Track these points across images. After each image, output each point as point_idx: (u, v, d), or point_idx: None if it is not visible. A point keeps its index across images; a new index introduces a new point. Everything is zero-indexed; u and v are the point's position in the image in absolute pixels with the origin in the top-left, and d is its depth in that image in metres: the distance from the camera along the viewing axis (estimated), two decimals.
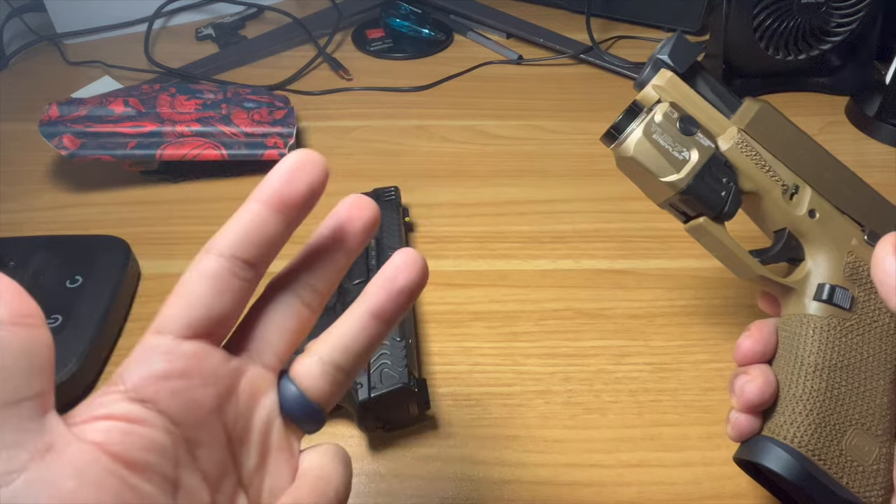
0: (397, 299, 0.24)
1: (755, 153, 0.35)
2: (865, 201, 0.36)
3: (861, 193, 0.36)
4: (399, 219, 0.51)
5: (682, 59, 0.36)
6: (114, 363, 0.45)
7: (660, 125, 0.34)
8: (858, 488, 0.32)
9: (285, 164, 0.23)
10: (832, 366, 0.33)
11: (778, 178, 0.35)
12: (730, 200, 0.35)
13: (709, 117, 0.35)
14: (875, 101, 0.67)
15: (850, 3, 0.67)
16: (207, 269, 0.22)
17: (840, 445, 0.32)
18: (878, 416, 0.32)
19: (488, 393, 0.44)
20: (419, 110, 0.72)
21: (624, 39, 0.84)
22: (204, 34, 0.84)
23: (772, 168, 0.35)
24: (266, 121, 0.63)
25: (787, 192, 0.35)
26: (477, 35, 0.85)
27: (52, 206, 0.59)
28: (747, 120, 0.35)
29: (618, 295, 0.50)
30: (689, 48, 0.36)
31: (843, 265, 0.34)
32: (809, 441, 0.32)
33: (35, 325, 0.18)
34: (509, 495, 0.38)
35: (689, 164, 0.34)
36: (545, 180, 0.61)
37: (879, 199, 0.36)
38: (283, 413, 0.24)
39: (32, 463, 0.17)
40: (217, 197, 0.60)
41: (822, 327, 0.33)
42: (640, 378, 0.45)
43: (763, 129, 0.35)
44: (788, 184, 0.35)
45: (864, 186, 0.36)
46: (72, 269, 0.48)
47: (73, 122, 0.58)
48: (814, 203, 0.35)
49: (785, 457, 0.32)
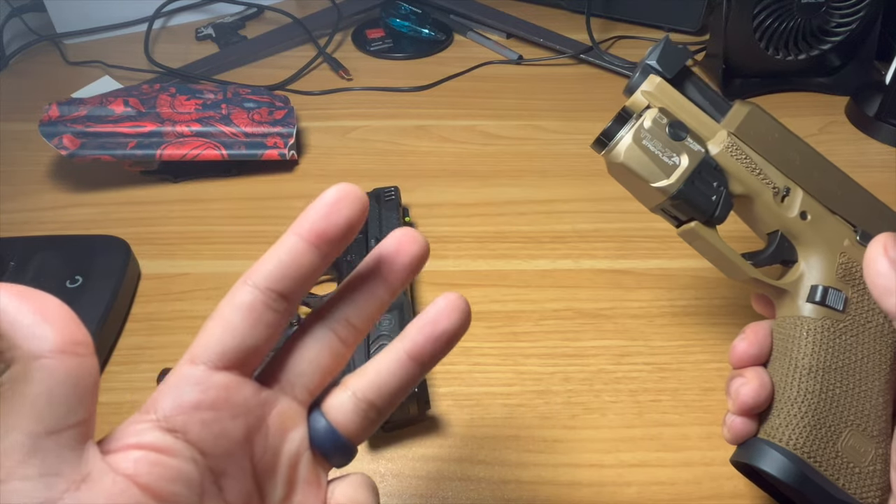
0: (436, 343, 0.24)
1: (745, 157, 0.35)
2: (857, 202, 0.36)
3: (853, 194, 0.36)
4: (399, 219, 0.51)
5: (670, 64, 0.36)
6: (114, 363, 0.45)
7: (649, 131, 0.34)
8: (855, 489, 0.32)
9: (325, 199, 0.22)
10: (826, 367, 0.33)
11: (769, 180, 0.35)
12: (720, 204, 0.35)
13: (699, 122, 0.35)
14: (875, 101, 0.67)
15: (850, 3, 0.67)
16: (243, 301, 0.21)
17: (836, 447, 0.32)
18: (873, 417, 0.32)
19: (488, 393, 0.44)
20: (419, 110, 0.72)
21: (624, 39, 0.84)
22: (204, 34, 0.84)
23: (762, 171, 0.35)
24: (266, 121, 0.63)
25: (779, 194, 0.35)
26: (477, 35, 0.85)
27: (52, 206, 0.59)
28: (737, 123, 0.35)
29: (617, 295, 0.50)
30: (678, 53, 0.36)
31: (836, 266, 0.35)
32: (805, 443, 0.32)
33: (84, 354, 0.18)
34: (509, 495, 0.38)
35: (680, 169, 0.34)
36: (545, 180, 0.61)
37: (872, 200, 0.36)
38: (313, 447, 0.24)
39: (68, 493, 0.18)
40: (217, 197, 0.60)
41: (815, 329, 0.33)
42: (639, 378, 0.45)
43: (753, 132, 0.35)
44: (779, 186, 0.35)
45: (856, 187, 0.36)
46: (72, 269, 0.48)
47: (73, 122, 0.58)
48: (805, 205, 0.35)
49: (780, 459, 0.32)
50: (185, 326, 0.48)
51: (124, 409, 0.43)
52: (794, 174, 0.36)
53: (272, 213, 0.58)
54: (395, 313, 0.42)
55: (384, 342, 0.40)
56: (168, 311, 0.49)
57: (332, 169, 0.63)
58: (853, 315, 0.34)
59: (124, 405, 0.43)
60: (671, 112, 0.35)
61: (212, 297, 0.50)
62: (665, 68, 0.36)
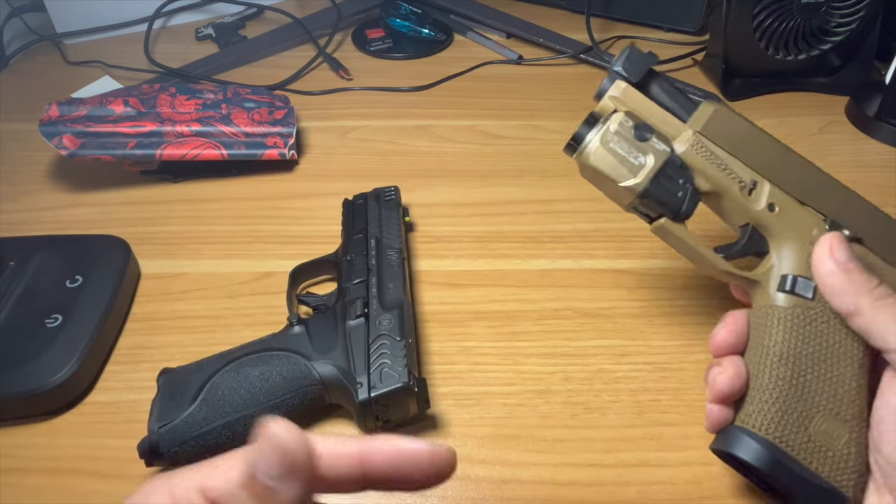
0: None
1: (710, 153, 0.36)
2: (827, 191, 0.37)
3: (822, 184, 0.37)
4: (399, 219, 0.51)
5: (635, 69, 0.37)
6: (114, 363, 0.45)
7: (615, 133, 0.36)
8: (829, 473, 0.32)
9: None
10: (797, 354, 0.34)
11: (735, 175, 0.36)
12: (686, 200, 0.36)
13: (664, 122, 0.37)
14: (875, 101, 0.67)
15: (850, 3, 0.67)
16: None
17: (808, 432, 0.33)
18: (846, 402, 0.33)
19: (488, 392, 0.44)
20: (419, 110, 0.72)
21: (624, 39, 0.84)
22: (204, 34, 0.85)
23: (728, 166, 0.36)
24: (266, 121, 0.63)
25: (745, 188, 0.36)
26: (477, 35, 0.85)
27: (52, 205, 0.59)
28: (702, 122, 0.36)
29: (617, 295, 0.50)
30: (643, 59, 0.38)
31: (806, 255, 0.35)
32: (777, 429, 0.33)
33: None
34: (509, 494, 0.38)
35: (646, 168, 0.36)
36: (545, 180, 0.61)
37: (841, 189, 0.37)
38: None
39: None
40: (217, 197, 0.60)
41: (785, 317, 0.34)
42: (639, 378, 0.45)
43: (718, 130, 0.36)
44: (746, 180, 0.36)
45: (824, 177, 0.37)
46: (72, 269, 0.48)
47: (73, 121, 0.58)
48: (773, 197, 0.36)
49: (753, 445, 0.33)
50: (185, 326, 0.48)
51: (124, 409, 0.43)
52: (761, 168, 0.36)
53: (272, 213, 0.58)
54: (395, 312, 0.42)
55: (384, 341, 0.40)
56: (168, 310, 0.49)
57: (332, 169, 0.63)
58: (823, 302, 0.34)
59: (124, 405, 0.43)
60: (637, 115, 0.37)
61: (212, 296, 0.50)
62: (630, 74, 0.37)
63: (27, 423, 0.42)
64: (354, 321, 0.42)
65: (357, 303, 0.43)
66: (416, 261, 0.53)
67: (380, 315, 0.42)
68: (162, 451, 0.37)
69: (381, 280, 0.45)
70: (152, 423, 0.38)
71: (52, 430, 0.42)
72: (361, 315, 0.42)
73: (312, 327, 0.42)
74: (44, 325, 0.44)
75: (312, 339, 0.41)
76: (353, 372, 0.39)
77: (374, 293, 0.44)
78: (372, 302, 0.43)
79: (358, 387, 0.38)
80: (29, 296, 0.46)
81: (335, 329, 0.42)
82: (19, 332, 0.43)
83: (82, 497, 0.38)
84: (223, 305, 0.49)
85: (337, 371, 0.39)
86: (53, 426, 0.42)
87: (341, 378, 0.39)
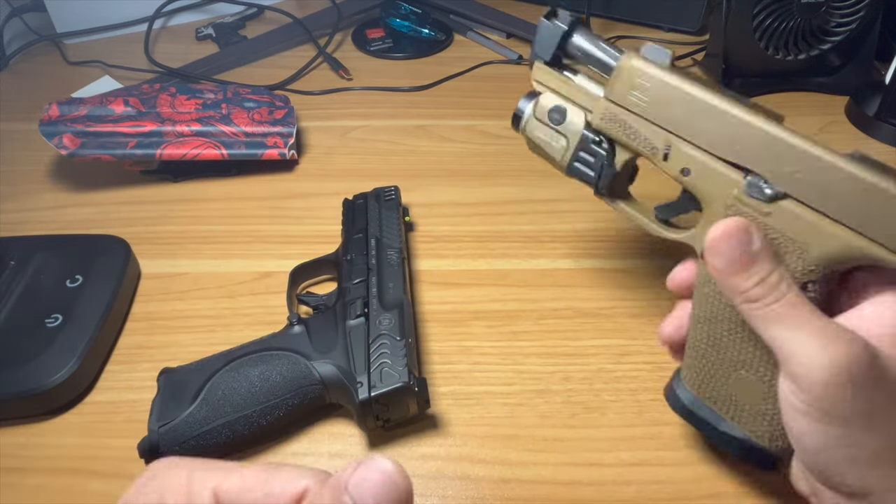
0: None
1: (619, 123, 0.36)
2: (749, 142, 0.32)
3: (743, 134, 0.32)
4: (399, 219, 0.51)
5: (544, 47, 0.38)
6: (114, 363, 0.45)
7: (537, 118, 0.38)
8: (747, 424, 0.34)
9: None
10: (712, 318, 0.34)
11: (647, 141, 0.35)
12: (601, 177, 0.37)
13: (583, 95, 0.37)
14: (875, 100, 0.67)
15: (850, 3, 0.67)
16: None
17: (726, 386, 0.34)
18: (763, 361, 0.33)
19: (488, 392, 0.44)
20: (419, 110, 0.72)
21: (624, 39, 0.84)
22: (204, 34, 0.85)
23: (639, 133, 0.35)
24: (266, 120, 0.63)
25: (658, 153, 0.35)
26: (477, 35, 0.85)
27: (52, 205, 0.59)
28: (614, 88, 0.35)
29: (618, 294, 0.50)
30: (551, 32, 0.38)
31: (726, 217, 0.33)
32: (700, 383, 0.35)
33: None
34: (509, 494, 0.38)
35: (564, 149, 0.38)
36: (545, 180, 0.61)
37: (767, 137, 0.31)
38: None
39: None
40: (217, 197, 0.60)
41: (701, 283, 0.34)
42: (640, 377, 0.45)
43: (628, 92, 0.35)
44: (658, 146, 0.35)
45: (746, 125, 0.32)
46: (72, 269, 0.48)
47: (73, 121, 0.58)
48: (686, 160, 0.34)
49: (679, 396, 0.36)
50: (184, 326, 0.48)
51: (124, 409, 0.43)
52: (676, 126, 0.34)
53: (272, 213, 0.58)
54: (395, 312, 0.42)
55: (384, 340, 0.40)
56: (168, 310, 0.49)
57: (332, 169, 0.63)
58: None
59: (124, 404, 0.43)
60: (559, 92, 0.38)
61: (211, 296, 0.50)
62: (541, 53, 0.38)
63: (27, 423, 0.42)
64: (354, 321, 0.42)
65: (357, 302, 0.43)
66: (416, 260, 0.53)
67: (380, 315, 0.42)
68: (162, 451, 0.37)
69: (381, 280, 0.45)
70: (152, 423, 0.38)
71: (52, 429, 0.42)
72: (361, 315, 0.42)
73: (312, 327, 0.42)
74: (44, 324, 0.44)
75: (312, 338, 0.42)
76: (354, 371, 0.39)
77: (374, 293, 0.44)
78: (372, 301, 0.43)
79: (358, 386, 0.38)
80: (29, 295, 0.46)
81: (335, 329, 0.42)
82: (19, 331, 0.44)
83: (82, 497, 0.38)
84: (223, 305, 0.49)
85: (337, 370, 0.39)
86: (53, 426, 0.42)
87: (341, 377, 0.39)
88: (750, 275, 0.30)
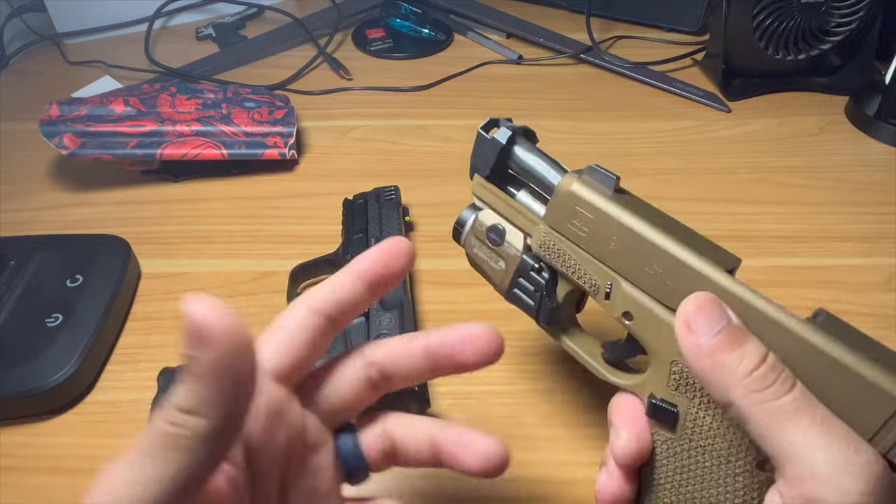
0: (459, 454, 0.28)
1: (559, 252, 0.31)
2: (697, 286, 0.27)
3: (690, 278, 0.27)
4: (399, 219, 0.51)
5: (482, 160, 0.34)
6: (114, 362, 0.45)
7: (475, 237, 0.35)
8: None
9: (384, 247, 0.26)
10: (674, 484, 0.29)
11: (588, 276, 0.31)
12: (539, 310, 0.33)
13: (523, 216, 0.33)
14: (875, 100, 0.67)
15: (850, 3, 0.67)
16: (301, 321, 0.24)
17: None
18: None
19: (488, 391, 0.44)
20: (419, 110, 0.72)
21: (624, 39, 0.84)
22: (204, 34, 0.85)
23: (579, 266, 0.31)
24: (266, 120, 0.63)
25: (599, 291, 0.30)
26: (477, 35, 0.85)
27: (52, 205, 0.59)
28: (552, 213, 0.31)
29: None
30: (489, 145, 0.33)
31: (669, 376, 0.28)
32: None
33: None
34: (509, 493, 0.38)
35: (503, 273, 0.34)
36: None
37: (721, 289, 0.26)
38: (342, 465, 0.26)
39: None
40: (217, 197, 0.60)
41: (656, 444, 0.29)
42: None
43: (567, 219, 0.30)
44: (598, 283, 0.30)
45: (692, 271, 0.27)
46: (72, 269, 0.48)
47: (73, 121, 0.58)
48: (628, 303, 0.29)
49: None
50: None
51: (124, 409, 0.43)
52: (617, 264, 0.29)
53: (272, 213, 0.58)
54: (396, 312, 0.42)
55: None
56: (168, 310, 0.49)
57: (332, 168, 0.63)
58: (690, 435, 0.28)
59: (124, 404, 0.43)
60: (497, 210, 0.34)
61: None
62: (480, 168, 0.34)
63: (27, 423, 0.42)
64: (355, 320, 0.42)
65: None
66: (416, 260, 0.53)
67: (380, 314, 0.42)
68: None
69: None
70: None
71: (53, 429, 0.42)
72: (361, 314, 0.42)
73: None
74: (44, 324, 0.44)
75: None
76: None
77: None
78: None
79: None
80: (29, 295, 0.46)
81: None
82: (19, 331, 0.44)
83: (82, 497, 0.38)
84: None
85: None
86: (54, 426, 0.42)
87: None
88: (744, 353, 0.24)
